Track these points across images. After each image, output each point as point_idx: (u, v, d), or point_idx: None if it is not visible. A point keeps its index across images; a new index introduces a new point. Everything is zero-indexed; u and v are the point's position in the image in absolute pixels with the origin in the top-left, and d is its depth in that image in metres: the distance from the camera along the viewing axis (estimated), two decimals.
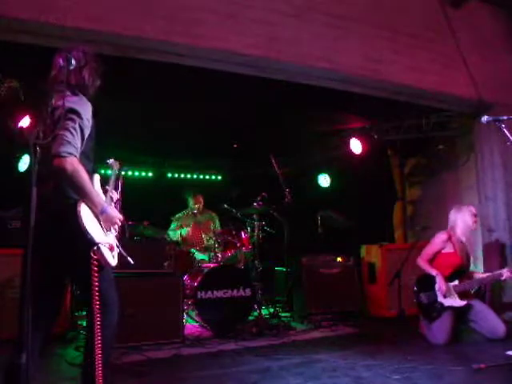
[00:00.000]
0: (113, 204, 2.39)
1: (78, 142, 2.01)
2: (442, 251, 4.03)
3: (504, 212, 5.08)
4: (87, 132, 2.08)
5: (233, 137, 6.63)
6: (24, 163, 5.70)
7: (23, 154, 5.67)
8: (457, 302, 3.83)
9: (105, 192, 2.36)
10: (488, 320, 3.81)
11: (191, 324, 4.62)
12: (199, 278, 4.41)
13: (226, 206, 5.29)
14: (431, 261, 4.03)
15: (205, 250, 5.42)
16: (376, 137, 6.34)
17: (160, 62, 3.85)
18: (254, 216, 5.13)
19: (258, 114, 5.62)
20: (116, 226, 2.20)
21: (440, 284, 3.85)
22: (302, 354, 3.54)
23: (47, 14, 3.17)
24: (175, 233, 5.74)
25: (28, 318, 1.60)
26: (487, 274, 3.96)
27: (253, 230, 5.11)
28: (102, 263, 2.01)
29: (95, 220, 2.07)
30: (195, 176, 8.32)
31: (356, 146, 6.30)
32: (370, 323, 4.88)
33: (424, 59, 4.65)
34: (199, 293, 4.33)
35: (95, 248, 1.96)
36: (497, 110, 4.76)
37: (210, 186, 7.93)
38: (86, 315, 2.09)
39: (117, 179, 2.65)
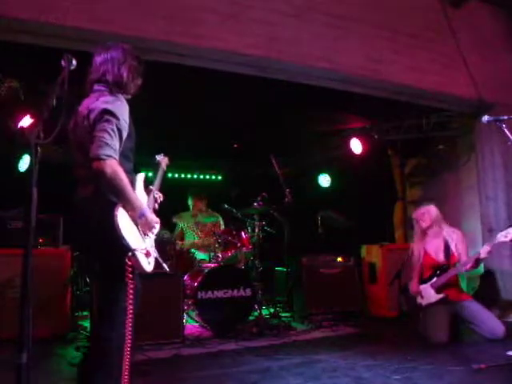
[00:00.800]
0: (156, 205, 2.40)
1: (116, 143, 1.98)
2: (412, 256, 4.16)
3: (504, 212, 5.07)
4: (125, 133, 2.05)
5: (233, 137, 6.63)
6: (24, 163, 5.71)
7: (23, 154, 5.68)
8: (432, 298, 3.89)
9: (148, 192, 2.35)
10: (486, 321, 3.81)
11: (191, 324, 4.62)
12: (199, 278, 4.41)
13: (226, 206, 5.28)
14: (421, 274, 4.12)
15: (204, 249, 5.41)
16: (376, 137, 6.34)
17: (160, 62, 3.85)
18: (254, 216, 5.13)
19: (258, 113, 5.62)
20: (154, 230, 2.17)
21: (411, 286, 4.06)
22: (302, 354, 3.54)
23: (47, 14, 3.16)
24: (185, 235, 5.71)
25: (28, 318, 1.60)
26: (464, 260, 3.88)
27: (253, 230, 5.10)
28: (137, 269, 2.00)
29: (133, 224, 2.04)
30: (195, 176, 8.32)
31: (356, 145, 6.30)
32: (370, 323, 4.88)
33: (424, 59, 4.65)
34: (199, 293, 4.33)
35: (130, 254, 1.94)
36: (497, 110, 4.76)
37: (210, 186, 7.92)
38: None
39: (163, 177, 2.65)
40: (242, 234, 5.07)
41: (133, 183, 2.15)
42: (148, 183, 2.42)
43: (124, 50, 2.26)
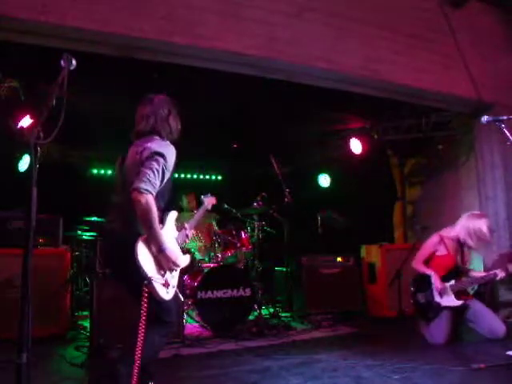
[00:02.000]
0: (187, 240, 2.65)
1: (157, 181, 2.20)
2: (436, 253, 4.05)
3: (504, 212, 5.07)
4: (168, 175, 2.28)
5: (233, 137, 6.63)
6: (24, 163, 5.71)
7: (23, 154, 5.68)
8: (454, 302, 3.83)
9: (180, 228, 2.57)
10: (487, 320, 3.81)
11: (191, 324, 4.62)
12: (199, 278, 4.41)
13: (226, 205, 5.28)
14: (427, 263, 4.04)
15: (203, 249, 5.41)
16: (376, 137, 6.34)
17: (160, 62, 3.85)
18: (254, 216, 5.13)
19: (258, 114, 5.62)
20: (174, 267, 2.31)
21: (436, 283, 3.87)
22: (302, 354, 3.55)
23: (47, 14, 3.16)
24: None
25: (28, 318, 1.60)
26: (482, 274, 3.96)
27: (253, 230, 5.11)
28: (154, 296, 2.18)
29: (152, 256, 2.22)
30: (195, 176, 8.32)
31: (356, 145, 6.30)
32: (370, 323, 4.89)
33: (424, 59, 4.65)
34: (199, 293, 4.33)
35: (146, 282, 2.12)
36: (497, 110, 4.77)
37: (210, 186, 7.93)
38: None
39: (202, 216, 2.95)
40: (242, 234, 5.07)
41: (163, 220, 2.38)
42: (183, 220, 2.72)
43: (167, 101, 2.60)
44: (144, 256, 2.16)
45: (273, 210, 5.16)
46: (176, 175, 8.04)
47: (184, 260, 2.41)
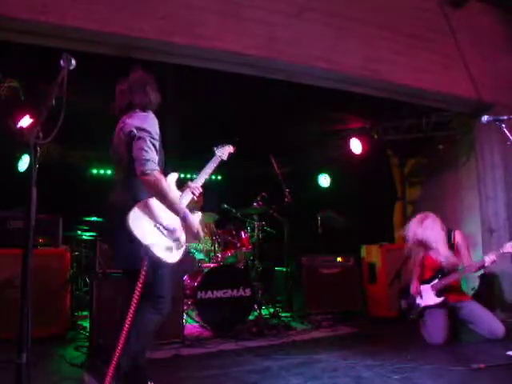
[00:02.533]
0: (195, 197, 2.68)
1: (153, 155, 2.29)
2: (425, 256, 4.09)
3: (504, 212, 5.07)
4: (157, 144, 2.35)
5: (233, 137, 6.62)
6: (24, 163, 5.71)
7: (23, 154, 5.68)
8: (432, 300, 3.88)
9: (183, 188, 2.64)
10: (486, 321, 3.81)
11: (191, 324, 4.62)
12: (199, 278, 4.41)
13: (225, 206, 5.29)
14: (421, 275, 4.10)
15: (203, 249, 5.41)
16: (376, 137, 6.34)
17: (160, 62, 3.85)
18: (254, 216, 5.13)
19: (258, 114, 5.62)
20: (196, 231, 2.38)
21: (412, 287, 4.03)
22: (302, 354, 3.54)
23: (47, 14, 3.16)
24: None
25: (28, 318, 1.60)
26: (468, 264, 3.89)
27: (253, 230, 5.11)
28: (155, 260, 2.23)
29: (152, 223, 2.29)
30: (195, 176, 8.30)
31: (356, 145, 6.31)
32: (370, 323, 4.88)
33: (424, 59, 4.65)
34: (199, 293, 4.33)
35: (143, 248, 2.18)
36: (497, 110, 4.76)
37: (210, 186, 7.92)
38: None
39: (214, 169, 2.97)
40: (242, 234, 5.07)
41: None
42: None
43: (143, 75, 2.58)
44: (139, 221, 2.22)
45: (273, 210, 5.16)
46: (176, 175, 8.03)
47: (197, 218, 2.49)
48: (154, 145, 2.32)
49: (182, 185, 2.71)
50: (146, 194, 2.32)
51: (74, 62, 1.91)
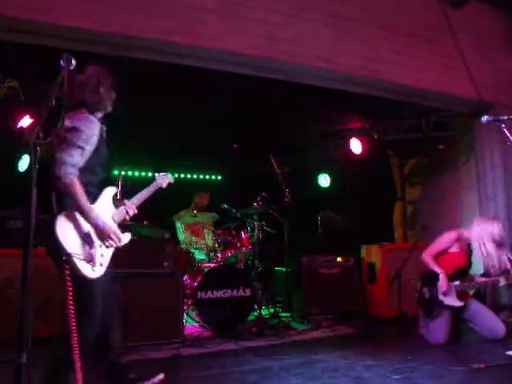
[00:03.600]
0: (127, 217, 2.53)
1: (75, 160, 2.20)
2: (449, 250, 4.00)
3: (504, 212, 5.07)
4: (90, 148, 2.24)
5: (233, 137, 6.63)
6: (24, 163, 5.70)
7: (23, 154, 5.67)
8: (455, 302, 3.83)
9: (118, 205, 2.51)
10: (487, 321, 3.81)
11: (191, 324, 4.62)
12: (199, 278, 4.41)
13: (225, 206, 5.29)
14: (436, 258, 3.99)
15: (204, 249, 5.41)
16: (376, 137, 6.34)
17: (160, 62, 3.85)
18: (254, 216, 5.13)
19: (258, 114, 5.62)
20: (111, 242, 2.30)
21: (442, 282, 3.82)
22: (302, 354, 3.54)
23: (47, 14, 3.16)
24: (183, 235, 5.72)
25: (28, 318, 1.60)
26: (486, 279, 3.86)
27: (253, 230, 5.10)
28: (75, 273, 2.13)
29: (76, 232, 2.20)
30: (195, 176, 8.32)
31: (356, 145, 6.31)
32: (370, 323, 4.88)
33: (424, 59, 4.65)
34: (199, 293, 4.33)
35: (64, 258, 2.10)
36: (497, 110, 4.76)
37: (210, 186, 7.92)
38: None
39: (152, 193, 2.82)
40: (242, 234, 5.07)
41: (96, 196, 2.36)
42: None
43: (97, 72, 2.44)
44: (64, 231, 2.14)
45: (273, 210, 5.16)
46: (176, 175, 8.04)
47: (122, 237, 2.41)
48: (82, 148, 2.23)
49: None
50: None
51: (74, 61, 1.91)
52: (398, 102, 5.08)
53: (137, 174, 7.55)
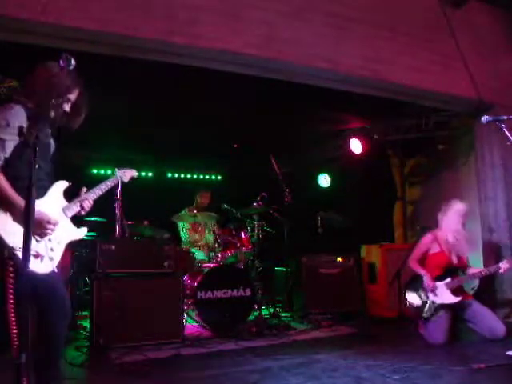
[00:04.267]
0: (83, 212, 2.37)
1: None
2: (429, 252, 4.09)
3: (504, 212, 5.07)
4: (11, 139, 2.04)
5: (233, 137, 6.63)
6: None
7: None
8: (449, 299, 3.85)
9: (70, 198, 2.36)
10: (487, 321, 3.81)
11: (191, 324, 4.62)
12: (199, 278, 4.41)
13: (225, 206, 5.29)
14: (422, 262, 4.08)
15: (205, 249, 5.41)
16: (376, 137, 6.34)
17: (160, 62, 3.85)
18: (254, 216, 5.13)
19: (258, 114, 5.62)
20: (47, 231, 2.11)
21: (427, 282, 3.91)
22: (302, 354, 3.54)
23: (47, 14, 3.16)
24: (186, 234, 5.72)
25: (28, 318, 1.60)
26: (482, 269, 3.96)
27: (253, 230, 5.10)
28: (19, 268, 1.91)
29: (18, 225, 2.02)
30: (195, 176, 8.32)
31: (356, 145, 6.31)
32: (370, 323, 4.88)
33: (424, 59, 4.65)
34: (199, 293, 4.33)
35: (6, 253, 1.96)
36: (497, 110, 4.76)
37: (210, 186, 7.93)
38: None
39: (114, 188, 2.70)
40: (242, 234, 5.07)
41: (46, 189, 2.23)
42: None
43: (43, 69, 2.25)
44: (3, 224, 1.99)
45: (273, 210, 5.16)
46: (176, 175, 8.05)
47: (68, 229, 2.29)
48: (3, 140, 2.04)
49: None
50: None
51: (73, 61, 1.91)
52: (398, 101, 5.08)
53: (137, 173, 7.54)
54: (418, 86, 4.64)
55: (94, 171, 7.46)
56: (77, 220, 2.41)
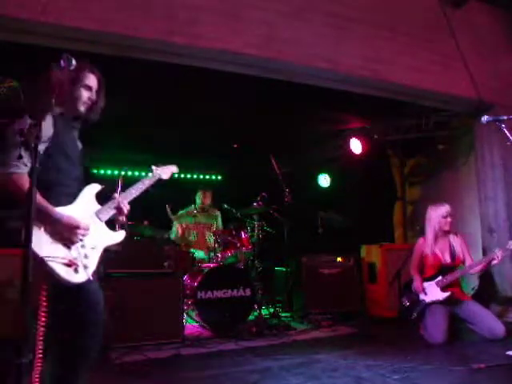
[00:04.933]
0: (120, 216, 2.28)
1: (11, 155, 1.99)
2: (424, 254, 4.14)
3: (504, 212, 5.07)
4: (40, 145, 1.89)
5: (233, 137, 6.63)
6: None
7: None
8: (437, 295, 3.90)
9: (106, 201, 2.25)
10: (486, 321, 3.81)
11: (191, 324, 4.62)
12: (199, 278, 4.41)
13: (225, 205, 5.29)
14: (422, 266, 4.16)
15: (206, 249, 5.41)
16: (376, 137, 6.34)
17: (160, 62, 3.85)
18: (254, 216, 5.13)
19: (258, 114, 5.62)
20: (78, 237, 2.02)
21: (415, 283, 4.04)
22: (302, 354, 3.54)
23: (47, 14, 3.16)
24: (177, 237, 5.70)
25: (28, 318, 1.60)
26: (475, 261, 3.97)
27: (253, 230, 5.10)
28: (55, 278, 1.89)
29: (46, 234, 1.99)
30: (195, 176, 8.32)
31: (356, 145, 6.31)
32: (370, 323, 4.88)
33: (424, 59, 4.65)
34: (199, 293, 4.33)
35: (39, 262, 1.86)
36: (497, 110, 4.76)
37: (211, 186, 7.92)
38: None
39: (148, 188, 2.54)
40: (242, 234, 5.07)
41: (75, 196, 2.12)
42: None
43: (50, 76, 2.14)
44: (35, 234, 1.86)
45: (273, 210, 5.16)
46: (176, 175, 8.03)
47: (100, 231, 2.16)
48: (26, 146, 1.89)
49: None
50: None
51: (74, 62, 1.91)
52: (398, 101, 5.08)
53: (137, 174, 7.55)
54: (417, 85, 4.64)
55: (94, 171, 7.46)
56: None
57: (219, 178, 8.59)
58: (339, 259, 5.33)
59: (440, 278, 3.95)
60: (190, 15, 3.64)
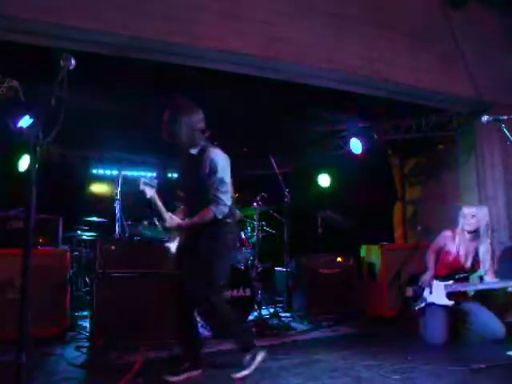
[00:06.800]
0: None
1: None
2: (444, 249, 4.03)
3: (504, 212, 5.07)
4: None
5: (233, 137, 6.63)
6: (24, 163, 5.71)
7: (23, 154, 5.68)
8: (441, 300, 3.84)
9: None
10: (487, 321, 3.81)
11: None
12: None
13: None
14: (437, 255, 4.03)
15: None
16: (376, 137, 6.34)
17: (160, 62, 3.85)
18: (254, 216, 5.13)
19: (258, 114, 5.62)
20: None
21: (426, 276, 3.94)
22: (301, 354, 3.54)
23: (47, 14, 3.16)
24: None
25: (27, 318, 1.60)
26: (492, 281, 3.83)
27: (253, 230, 5.10)
28: None
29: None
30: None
31: (356, 145, 6.31)
32: (369, 323, 4.88)
33: (424, 59, 4.65)
34: None
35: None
36: (497, 110, 4.76)
37: None
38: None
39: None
40: (242, 234, 5.07)
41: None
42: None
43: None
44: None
45: (273, 210, 5.15)
46: (176, 175, 8.03)
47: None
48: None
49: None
50: None
51: (73, 61, 1.91)
52: (398, 101, 5.08)
53: (137, 174, 7.55)
54: (417, 85, 4.64)
55: (94, 171, 7.46)
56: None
57: None
58: (339, 259, 5.33)
59: (451, 282, 3.85)
60: (189, 15, 3.64)
